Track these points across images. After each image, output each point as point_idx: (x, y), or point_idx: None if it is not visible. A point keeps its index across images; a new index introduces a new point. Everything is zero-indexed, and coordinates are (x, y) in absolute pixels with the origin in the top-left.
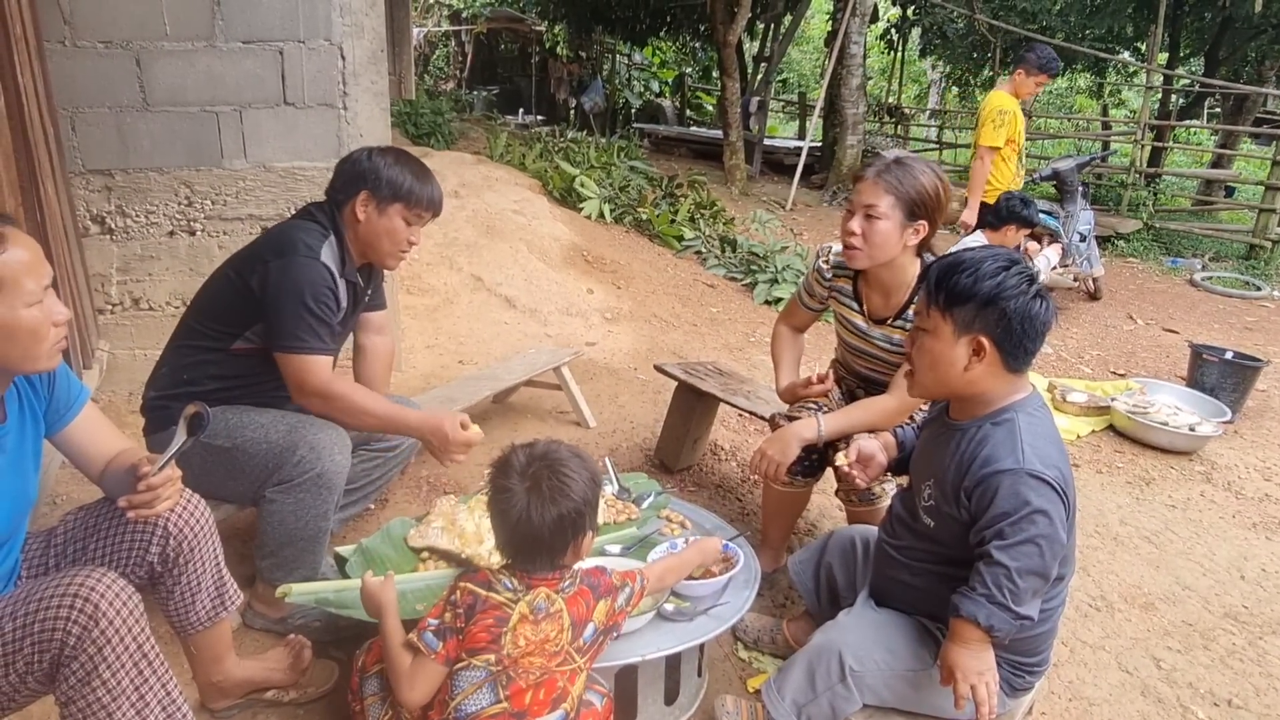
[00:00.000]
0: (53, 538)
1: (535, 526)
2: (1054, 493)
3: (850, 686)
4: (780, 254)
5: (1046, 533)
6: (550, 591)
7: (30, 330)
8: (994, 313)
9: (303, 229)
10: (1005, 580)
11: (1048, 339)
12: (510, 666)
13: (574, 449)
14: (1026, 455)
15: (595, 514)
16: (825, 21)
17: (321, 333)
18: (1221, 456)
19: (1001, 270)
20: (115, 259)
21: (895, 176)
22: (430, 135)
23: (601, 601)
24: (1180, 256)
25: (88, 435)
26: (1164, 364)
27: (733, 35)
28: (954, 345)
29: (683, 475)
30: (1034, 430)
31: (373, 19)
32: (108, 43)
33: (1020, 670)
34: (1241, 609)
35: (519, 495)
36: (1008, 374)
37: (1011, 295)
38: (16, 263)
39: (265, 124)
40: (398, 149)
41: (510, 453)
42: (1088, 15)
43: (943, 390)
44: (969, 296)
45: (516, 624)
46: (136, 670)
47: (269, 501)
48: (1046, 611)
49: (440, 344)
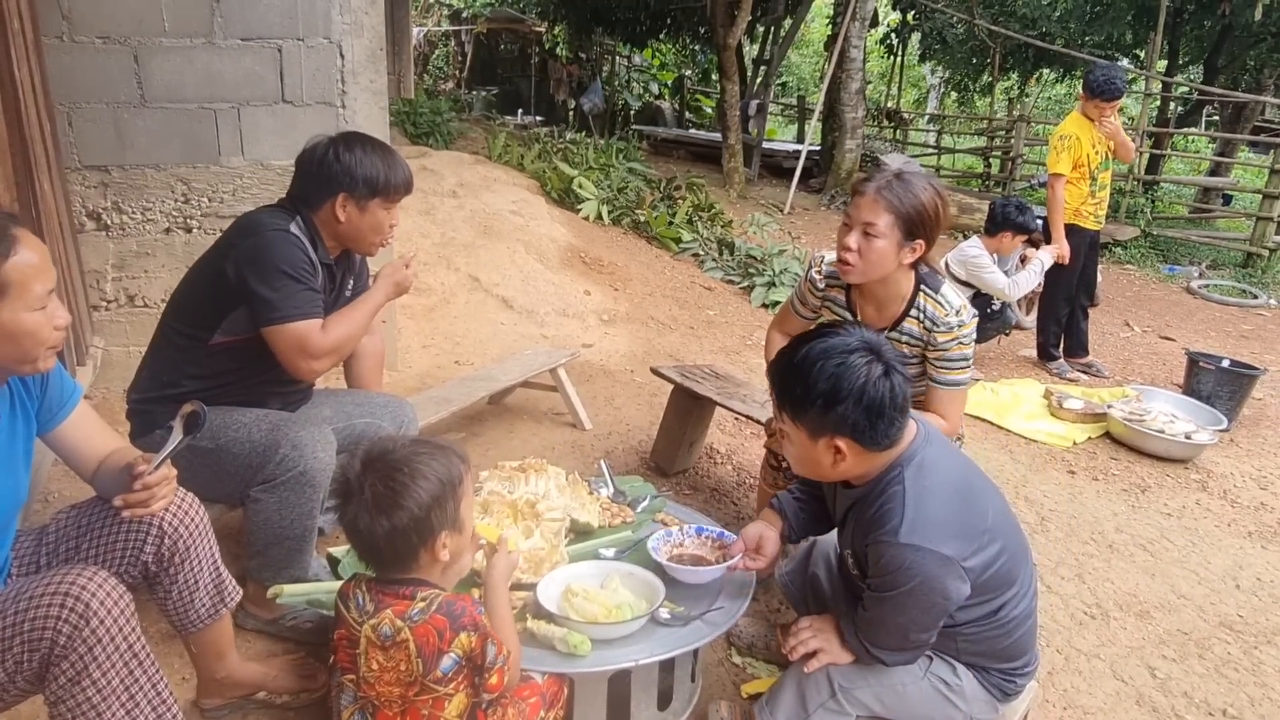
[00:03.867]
0: (45, 536)
1: (366, 537)
2: (929, 556)
3: (840, 702)
4: (778, 257)
5: (915, 595)
6: (396, 618)
7: (32, 334)
8: (837, 415)
9: (267, 212)
10: (867, 625)
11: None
12: (370, 694)
13: (424, 445)
14: (905, 524)
15: (448, 513)
16: (825, 25)
17: (309, 296)
18: (1217, 465)
19: (837, 367)
20: (111, 255)
21: (896, 194)
22: (429, 135)
23: (464, 634)
24: (1177, 264)
25: (80, 434)
26: (1160, 371)
27: (733, 38)
28: (814, 448)
29: (679, 478)
30: (919, 487)
31: (372, 17)
32: (106, 38)
33: (1010, 675)
34: (1237, 618)
35: (351, 504)
36: (877, 455)
37: (849, 393)
38: (26, 266)
39: (263, 121)
40: (358, 135)
41: (349, 459)
42: (1087, 22)
43: (824, 479)
44: (809, 404)
45: (366, 648)
46: (127, 670)
47: (254, 501)
48: (1011, 621)
49: (436, 344)
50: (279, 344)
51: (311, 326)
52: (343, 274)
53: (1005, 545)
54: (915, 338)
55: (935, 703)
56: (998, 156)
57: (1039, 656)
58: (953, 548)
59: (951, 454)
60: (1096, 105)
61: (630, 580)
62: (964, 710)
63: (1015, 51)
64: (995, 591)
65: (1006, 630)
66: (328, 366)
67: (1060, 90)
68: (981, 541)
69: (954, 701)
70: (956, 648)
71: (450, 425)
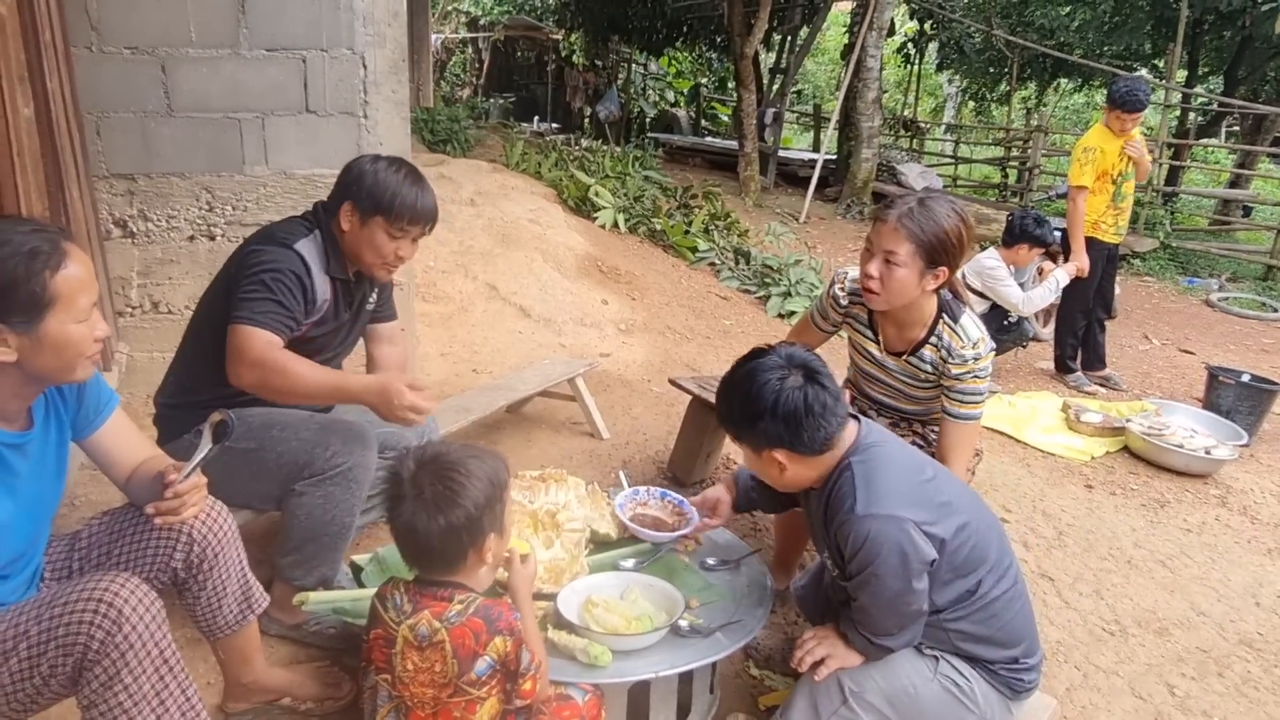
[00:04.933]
0: (77, 541)
1: (423, 537)
2: (886, 521)
3: (853, 708)
4: (794, 267)
5: (886, 562)
6: (434, 619)
7: (75, 344)
8: (761, 430)
9: (284, 224)
10: (860, 615)
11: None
12: (404, 694)
13: (473, 449)
14: (859, 500)
15: (496, 516)
16: (842, 34)
17: (272, 309)
18: (1237, 480)
19: (753, 386)
20: (136, 262)
21: (917, 223)
22: (447, 142)
23: (499, 638)
24: (1197, 276)
25: (115, 441)
26: (1180, 385)
27: (750, 46)
28: (760, 462)
29: (696, 489)
30: (867, 468)
31: (395, 29)
32: (134, 49)
33: (1014, 670)
34: (1257, 636)
35: (406, 503)
36: (817, 459)
37: (765, 408)
38: (74, 279)
39: (287, 131)
40: (398, 159)
41: (400, 460)
42: (1106, 32)
43: (785, 489)
44: (739, 424)
45: (402, 647)
46: (158, 676)
47: (298, 495)
48: (993, 601)
49: (454, 352)
50: (228, 343)
51: (255, 335)
52: (364, 290)
53: (970, 521)
54: (932, 365)
55: (949, 706)
56: (1014, 166)
57: (1041, 650)
58: (908, 511)
59: (898, 442)
60: (1119, 116)
61: (650, 592)
62: (977, 713)
63: (1033, 61)
64: (968, 569)
65: (991, 611)
66: (249, 380)
67: (1078, 100)
68: (941, 513)
69: (966, 704)
70: (949, 639)
71: (469, 433)
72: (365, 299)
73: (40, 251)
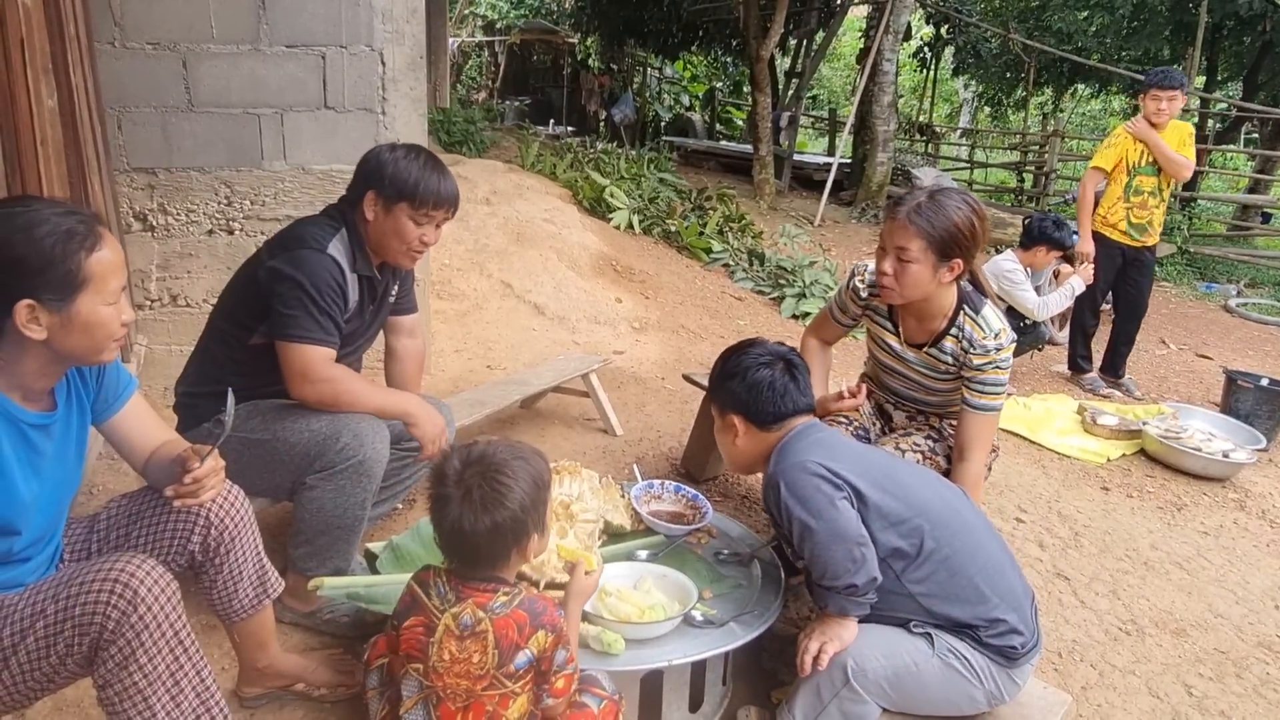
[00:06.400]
0: (96, 524)
1: (469, 535)
2: (792, 469)
3: (855, 688)
4: (808, 269)
5: (806, 503)
6: (478, 609)
7: (105, 326)
8: (730, 390)
9: (312, 223)
10: (817, 570)
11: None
12: (438, 684)
13: (517, 449)
14: (774, 468)
15: (539, 516)
16: (858, 39)
17: (324, 323)
18: (1255, 484)
19: (736, 356)
20: (155, 256)
21: (927, 219)
22: (462, 143)
23: (541, 631)
24: (1215, 282)
25: (133, 425)
26: (1197, 389)
27: (765, 50)
28: (722, 426)
29: (709, 485)
30: (785, 448)
31: (413, 26)
32: (156, 44)
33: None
34: (1275, 638)
35: (453, 504)
36: (764, 434)
37: (739, 373)
38: (108, 261)
39: (305, 127)
40: (416, 146)
41: (446, 458)
42: (1124, 37)
43: (732, 464)
44: (716, 384)
45: (442, 636)
46: (172, 656)
47: (309, 488)
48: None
49: (469, 349)
50: (284, 360)
51: (317, 353)
52: (386, 283)
53: (895, 476)
54: (953, 357)
55: (952, 680)
56: (1031, 171)
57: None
58: (808, 455)
59: (839, 433)
60: (1154, 96)
61: (663, 582)
62: (981, 686)
63: (1050, 66)
64: (905, 520)
65: (950, 569)
66: (315, 397)
67: (1095, 106)
68: (856, 467)
69: (968, 678)
70: (918, 605)
71: (483, 428)
72: (388, 292)
73: (76, 233)
